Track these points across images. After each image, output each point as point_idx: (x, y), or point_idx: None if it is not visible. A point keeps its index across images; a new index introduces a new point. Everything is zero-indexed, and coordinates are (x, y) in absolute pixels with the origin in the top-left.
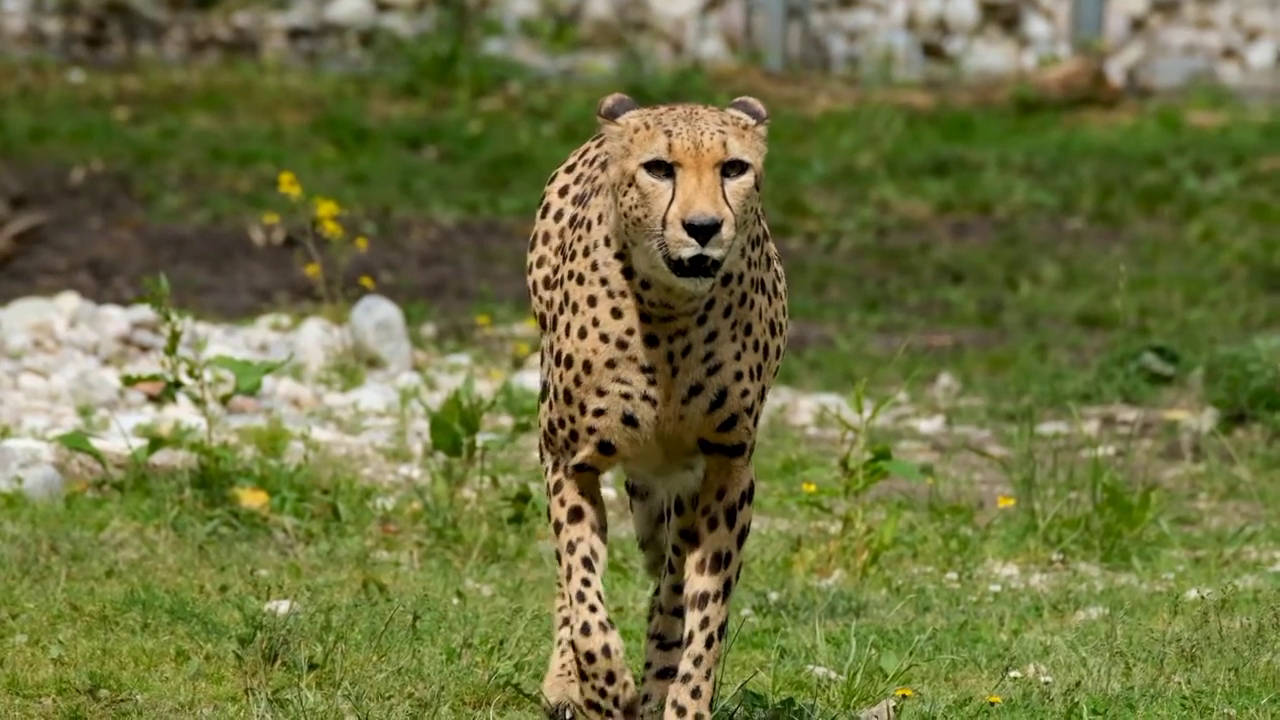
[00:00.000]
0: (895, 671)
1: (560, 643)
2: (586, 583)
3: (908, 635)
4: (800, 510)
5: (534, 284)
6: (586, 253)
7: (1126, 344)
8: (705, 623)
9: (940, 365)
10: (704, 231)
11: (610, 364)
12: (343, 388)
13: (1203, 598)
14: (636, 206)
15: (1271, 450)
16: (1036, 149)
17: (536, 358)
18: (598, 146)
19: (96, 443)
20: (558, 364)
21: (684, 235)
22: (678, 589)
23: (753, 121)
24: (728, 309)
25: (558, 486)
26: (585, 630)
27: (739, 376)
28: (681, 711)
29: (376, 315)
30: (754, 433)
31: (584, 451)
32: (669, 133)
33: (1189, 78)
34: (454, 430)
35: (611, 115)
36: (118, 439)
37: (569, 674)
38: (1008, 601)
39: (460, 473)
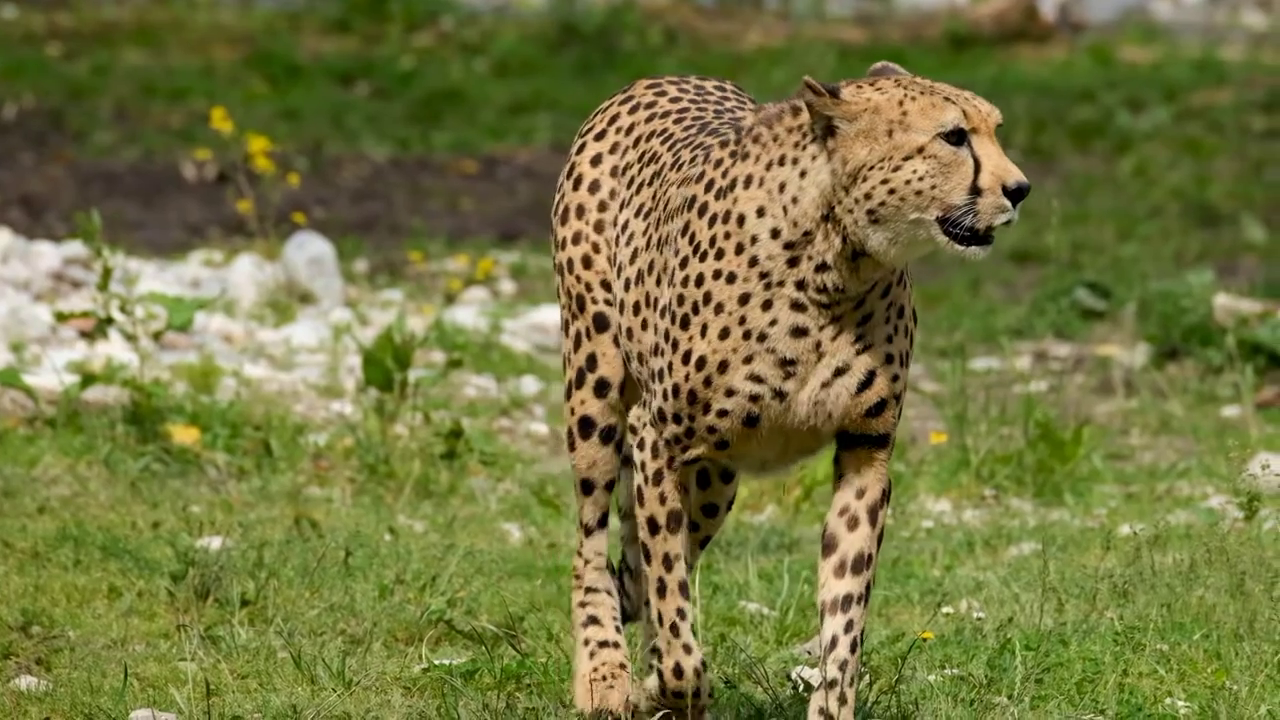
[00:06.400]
0: None
1: (588, 643)
2: (682, 614)
3: None
4: None
5: (567, 261)
6: (740, 250)
7: (1059, 279)
8: (849, 626)
9: None
10: (1021, 196)
11: (748, 359)
12: (275, 324)
13: (1135, 533)
14: (924, 178)
15: (1203, 385)
16: (969, 84)
17: (469, 293)
18: (630, 113)
19: (28, 379)
20: (684, 363)
21: (1004, 201)
22: (701, 544)
23: None
24: (887, 288)
25: (658, 477)
26: (678, 673)
27: (889, 359)
28: (830, 718)
29: (309, 251)
30: (897, 425)
31: (699, 449)
32: (949, 99)
33: (1121, 13)
34: (386, 366)
35: (833, 92)
36: (50, 375)
37: (604, 678)
38: (940, 537)
39: (392, 409)
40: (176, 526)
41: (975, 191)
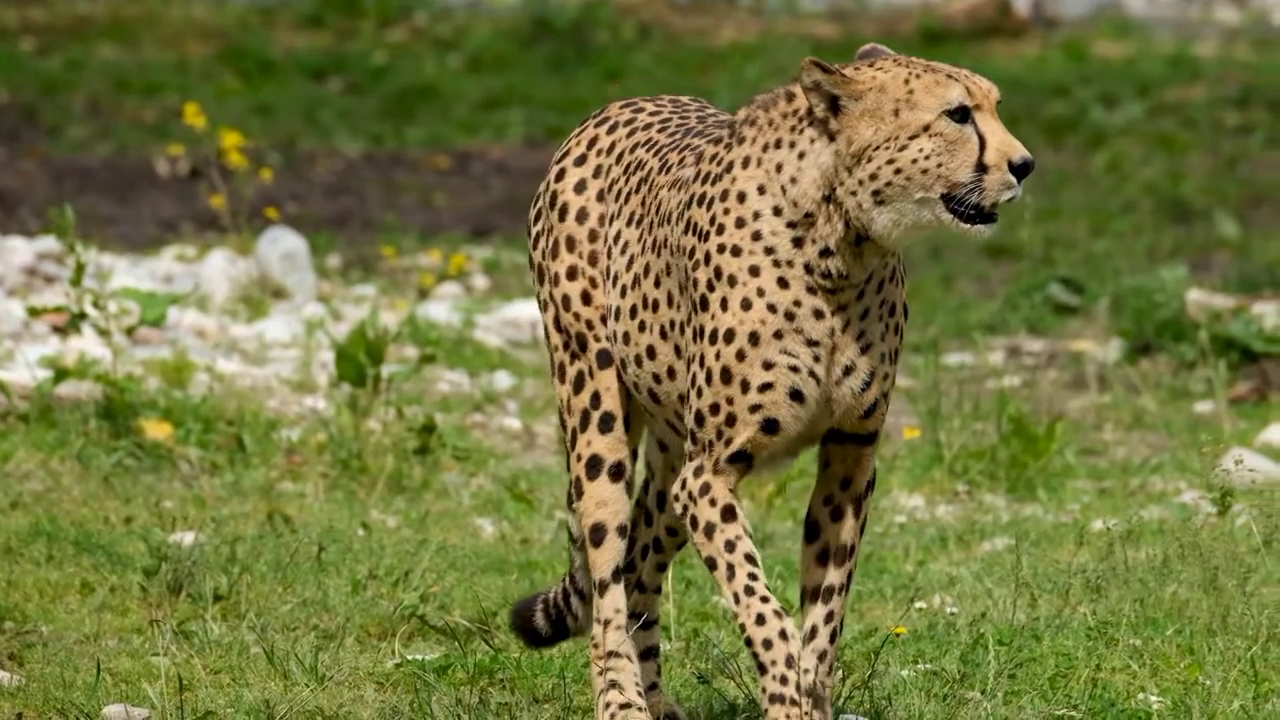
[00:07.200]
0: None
1: (609, 706)
2: (754, 576)
3: None
4: None
5: (563, 299)
6: (741, 224)
7: (1032, 274)
8: (830, 617)
9: None
10: (1027, 171)
11: (778, 334)
12: (248, 319)
13: (1108, 528)
14: (930, 156)
15: (1176, 381)
16: None
17: (442, 289)
18: (609, 133)
19: (1, 374)
20: (712, 343)
21: (1010, 177)
22: (661, 567)
23: None
24: (880, 284)
25: (705, 488)
26: (760, 620)
27: (884, 358)
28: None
29: (282, 246)
30: (884, 421)
31: (745, 434)
32: (952, 77)
33: (1095, 8)
34: (359, 361)
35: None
36: (22, 370)
37: None
38: (913, 532)
39: (365, 404)
40: (149, 522)
41: (981, 169)
